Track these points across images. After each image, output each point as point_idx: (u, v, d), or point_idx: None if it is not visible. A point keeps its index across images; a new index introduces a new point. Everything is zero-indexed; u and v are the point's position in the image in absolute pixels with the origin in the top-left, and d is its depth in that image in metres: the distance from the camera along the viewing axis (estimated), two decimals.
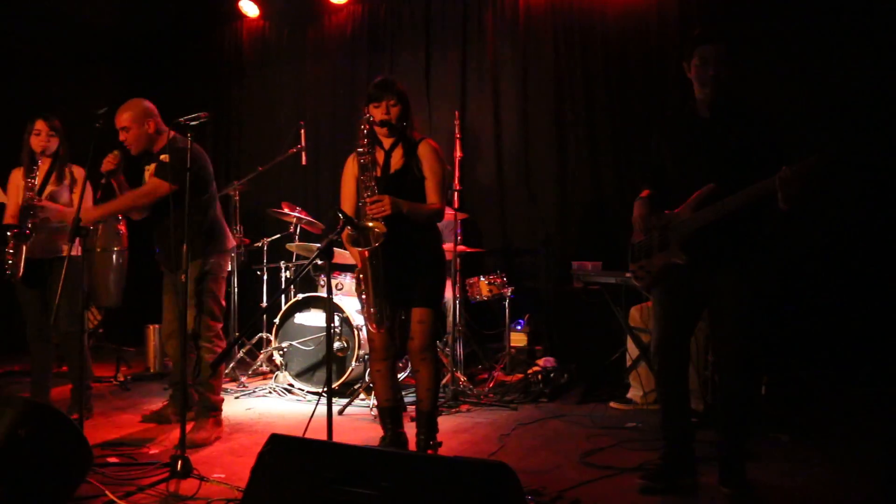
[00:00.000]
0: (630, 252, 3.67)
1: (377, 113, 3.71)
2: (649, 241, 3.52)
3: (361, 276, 3.72)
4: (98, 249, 6.08)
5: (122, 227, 6.22)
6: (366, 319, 3.78)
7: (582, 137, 6.68)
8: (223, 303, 4.56)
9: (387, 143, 3.80)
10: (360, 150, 3.64)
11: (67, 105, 7.27)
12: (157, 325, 6.57)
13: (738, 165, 3.26)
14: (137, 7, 8.14)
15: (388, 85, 3.74)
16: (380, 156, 3.80)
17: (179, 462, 3.51)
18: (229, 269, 4.81)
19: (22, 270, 4.59)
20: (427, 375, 3.78)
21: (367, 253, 3.59)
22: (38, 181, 4.71)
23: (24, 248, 4.59)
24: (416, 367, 3.81)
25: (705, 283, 3.37)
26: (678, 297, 3.46)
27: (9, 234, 4.61)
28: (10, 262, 4.60)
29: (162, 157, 4.39)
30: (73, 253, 4.47)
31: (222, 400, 4.53)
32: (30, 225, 4.59)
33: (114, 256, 6.21)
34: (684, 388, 3.50)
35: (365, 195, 3.62)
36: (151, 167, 4.46)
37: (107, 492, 3.31)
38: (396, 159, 3.77)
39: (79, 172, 4.74)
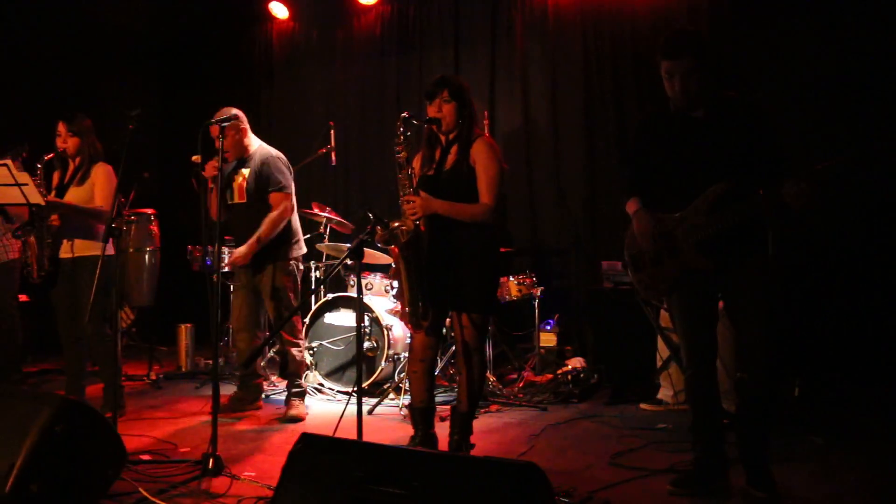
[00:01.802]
0: (630, 262, 3.56)
1: (430, 110, 3.70)
2: (655, 248, 3.40)
3: (395, 276, 3.71)
4: (131, 250, 6.16)
5: (155, 228, 6.29)
6: (402, 320, 3.75)
7: (612, 136, 6.64)
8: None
9: (445, 140, 3.77)
10: (396, 148, 3.62)
11: (101, 107, 7.39)
12: (188, 325, 6.65)
13: (740, 164, 3.21)
14: (169, 10, 8.23)
15: (441, 82, 3.70)
16: (438, 154, 3.78)
17: (211, 460, 3.54)
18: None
19: (36, 271, 4.65)
20: (468, 378, 3.73)
21: (396, 251, 3.59)
22: (58, 180, 4.80)
23: (35, 247, 4.64)
24: (459, 369, 3.78)
25: (722, 282, 3.33)
26: (701, 299, 3.39)
27: (18, 233, 4.68)
28: (28, 263, 4.69)
29: (242, 170, 4.87)
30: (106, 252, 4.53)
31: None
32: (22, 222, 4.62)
33: (146, 256, 6.28)
34: (715, 390, 3.45)
35: (400, 194, 3.61)
36: (244, 173, 4.86)
37: (140, 489, 3.34)
38: (451, 157, 3.73)
39: (97, 172, 4.73)
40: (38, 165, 4.69)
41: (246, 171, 4.88)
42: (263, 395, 5.29)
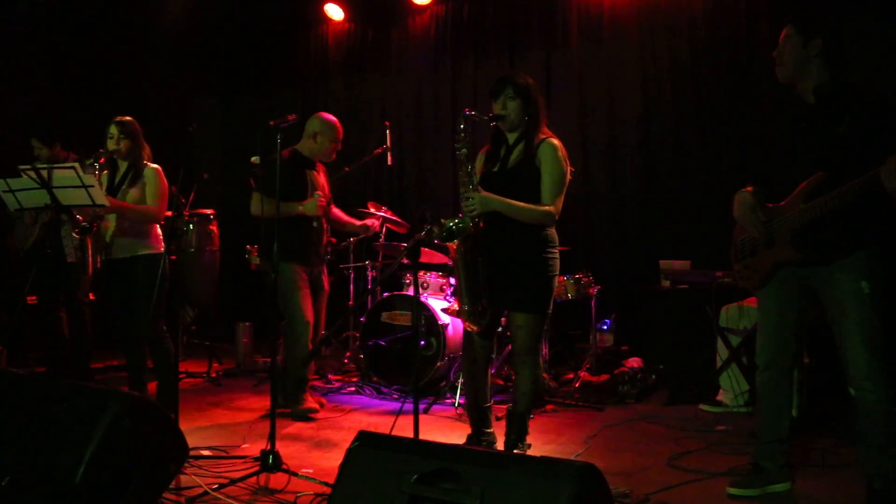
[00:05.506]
0: (732, 250, 3.50)
1: (495, 108, 3.68)
2: (754, 238, 3.33)
3: (454, 273, 3.70)
4: (191, 249, 6.28)
5: (214, 228, 6.41)
6: (459, 318, 3.75)
7: (668, 135, 6.56)
8: None
9: (510, 138, 3.75)
10: (457, 145, 3.59)
11: (161, 109, 7.55)
12: (246, 323, 6.74)
13: (847, 153, 3.00)
14: (226, 13, 8.36)
15: (505, 80, 3.68)
16: (503, 151, 3.76)
17: (270, 457, 3.59)
18: None
19: (91, 267, 4.76)
20: (523, 379, 3.72)
21: (454, 248, 3.58)
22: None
23: (90, 244, 4.77)
24: (515, 370, 3.78)
25: (820, 283, 3.15)
26: (788, 299, 3.27)
27: (75, 231, 4.79)
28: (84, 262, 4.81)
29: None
30: (154, 251, 4.65)
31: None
32: (84, 223, 4.71)
33: (206, 256, 6.40)
34: (783, 393, 3.36)
35: (461, 191, 3.60)
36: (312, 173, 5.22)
37: (201, 483, 3.42)
38: (515, 156, 3.70)
39: (148, 174, 4.78)
40: (96, 166, 4.81)
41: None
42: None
